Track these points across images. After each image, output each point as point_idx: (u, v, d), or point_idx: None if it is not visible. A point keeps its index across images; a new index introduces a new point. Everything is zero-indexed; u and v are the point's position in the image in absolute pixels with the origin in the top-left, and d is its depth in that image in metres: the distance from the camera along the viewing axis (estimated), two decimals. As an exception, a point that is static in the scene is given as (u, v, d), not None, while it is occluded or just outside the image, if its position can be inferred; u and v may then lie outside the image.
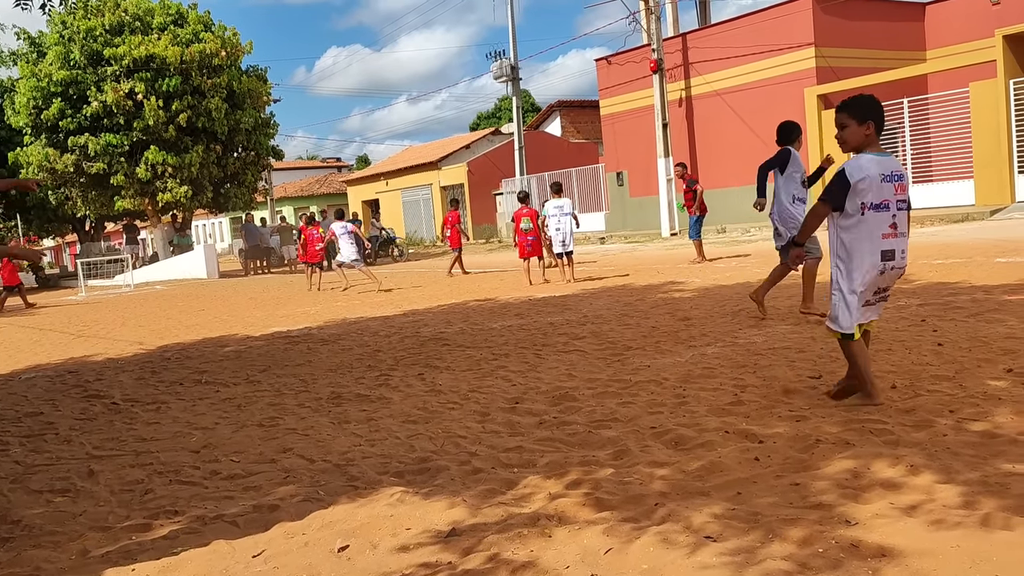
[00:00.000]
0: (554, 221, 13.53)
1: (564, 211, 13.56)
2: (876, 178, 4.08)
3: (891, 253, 4.13)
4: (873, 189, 4.08)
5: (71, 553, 3.23)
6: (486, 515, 3.23)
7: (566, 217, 13.52)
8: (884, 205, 4.10)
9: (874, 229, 4.10)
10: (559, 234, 13.43)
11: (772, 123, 23.49)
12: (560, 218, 13.50)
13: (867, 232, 4.10)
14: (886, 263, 4.13)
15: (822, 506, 2.99)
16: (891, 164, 4.17)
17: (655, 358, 6.22)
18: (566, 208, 13.66)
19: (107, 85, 25.94)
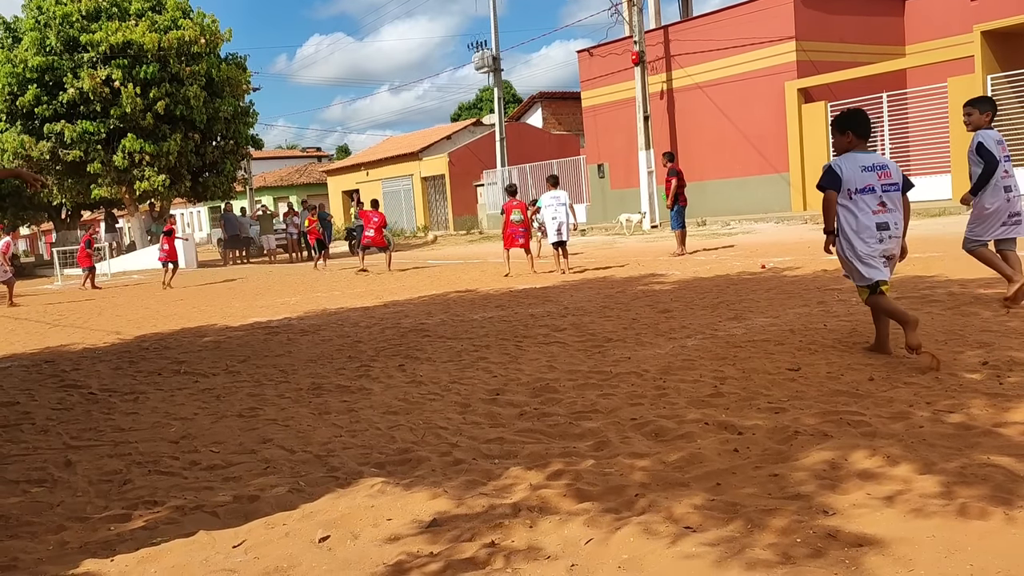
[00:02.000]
0: (550, 211, 13.52)
1: (560, 202, 13.54)
2: (856, 170, 5.11)
3: (885, 224, 5.11)
4: (855, 179, 5.10)
5: (49, 544, 3.20)
6: (468, 506, 3.23)
7: (562, 208, 13.49)
8: (869, 188, 5.11)
9: (864, 208, 5.09)
10: (554, 223, 13.40)
11: (752, 117, 23.64)
12: (556, 208, 13.49)
13: (860, 211, 5.10)
14: (882, 232, 5.10)
15: (801, 496, 3.03)
16: (873, 158, 5.22)
17: (636, 350, 6.25)
18: (562, 199, 13.65)
19: (83, 72, 25.60)
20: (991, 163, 6.37)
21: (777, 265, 11.35)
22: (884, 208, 5.10)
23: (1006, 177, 6.46)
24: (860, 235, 5.11)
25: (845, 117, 5.29)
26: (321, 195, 43.36)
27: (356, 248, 27.04)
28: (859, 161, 5.14)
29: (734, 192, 22.89)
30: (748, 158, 22.40)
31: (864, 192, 5.10)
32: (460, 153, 35.77)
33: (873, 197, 5.09)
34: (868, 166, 5.14)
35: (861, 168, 5.11)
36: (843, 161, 5.18)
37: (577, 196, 28.76)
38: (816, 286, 8.85)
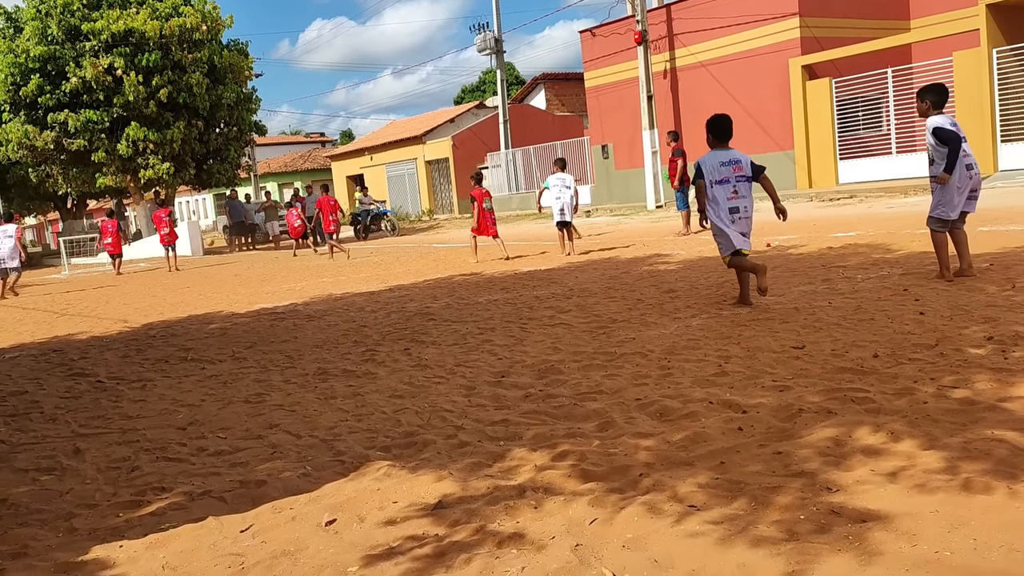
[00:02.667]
0: (555, 191, 13.43)
1: (566, 184, 13.45)
2: (716, 165, 6.68)
3: (736, 208, 6.69)
4: (713, 173, 6.69)
5: (58, 531, 3.23)
6: (473, 488, 3.25)
7: (568, 190, 13.41)
8: (725, 180, 6.67)
9: (721, 196, 6.69)
10: (558, 203, 13.31)
11: (756, 94, 23.43)
12: (562, 189, 13.39)
13: (719, 197, 6.69)
14: (734, 215, 6.70)
15: (805, 474, 3.03)
16: (729, 155, 6.75)
17: (640, 330, 6.25)
18: (568, 182, 13.55)
19: (86, 60, 25.55)
20: (954, 140, 6.64)
21: (782, 243, 11.31)
22: (736, 196, 6.67)
23: (965, 156, 6.78)
24: (721, 217, 6.70)
25: (708, 124, 6.96)
26: (325, 180, 43.32)
27: (361, 234, 27.11)
28: (719, 158, 6.72)
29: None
30: (752, 136, 22.27)
31: (721, 184, 6.67)
32: (464, 136, 35.67)
33: (728, 187, 6.67)
34: (725, 162, 6.69)
35: (720, 164, 6.68)
36: (706, 159, 6.76)
37: (581, 177, 28.67)
38: (821, 264, 8.82)
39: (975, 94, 17.74)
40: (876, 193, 17.31)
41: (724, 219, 6.70)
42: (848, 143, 20.37)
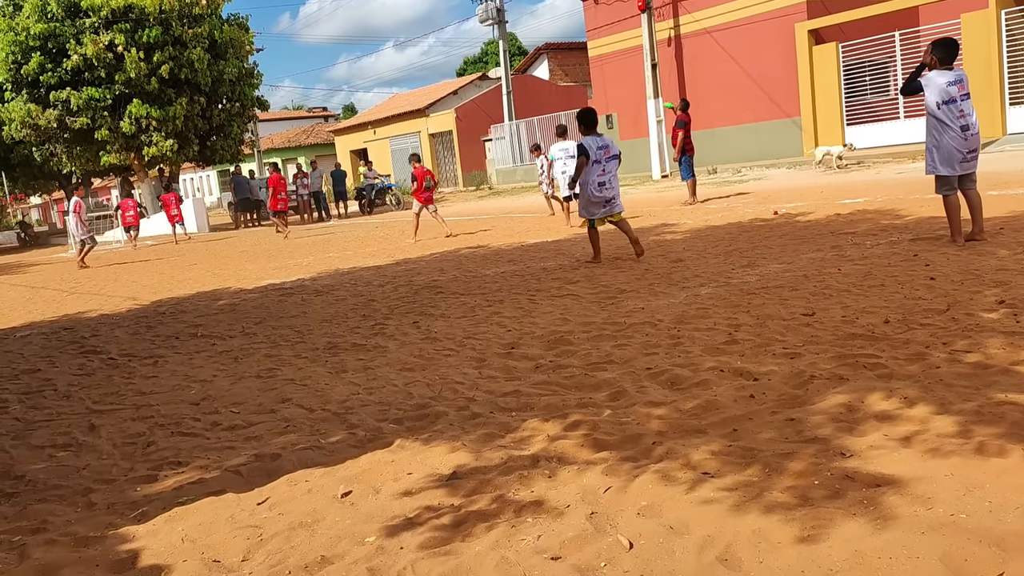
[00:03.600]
0: (560, 164, 13.06)
1: (570, 154, 12.85)
2: (593, 148, 8.51)
3: (604, 184, 8.57)
4: (594, 155, 8.48)
5: (77, 506, 3.27)
6: (487, 458, 3.27)
7: (573, 159, 12.63)
8: (598, 160, 8.52)
9: (594, 173, 8.54)
10: (565, 177, 12.85)
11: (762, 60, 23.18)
12: (566, 160, 12.91)
13: (592, 174, 8.54)
14: (603, 189, 8.57)
15: (818, 440, 3.04)
16: (603, 141, 8.64)
17: (649, 300, 6.24)
18: (572, 151, 12.97)
19: (86, 37, 25.40)
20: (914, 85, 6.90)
21: (790, 211, 11.26)
22: (604, 174, 8.59)
23: (962, 116, 6.73)
24: (591, 189, 8.56)
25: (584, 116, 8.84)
26: (329, 155, 43.19)
27: (366, 208, 27.07)
28: (597, 143, 8.57)
29: (745, 138, 22.62)
30: (758, 103, 22.09)
31: (597, 163, 8.53)
32: (467, 108, 35.45)
33: (600, 167, 8.53)
34: (600, 146, 8.57)
35: (597, 147, 8.55)
36: (589, 140, 8.57)
37: (586, 148, 28.52)
38: (829, 231, 8.78)
39: (983, 56, 17.54)
40: (884, 158, 17.18)
41: (593, 191, 8.60)
42: (855, 108, 20.19)
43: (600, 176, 8.51)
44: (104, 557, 2.77)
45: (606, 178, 8.52)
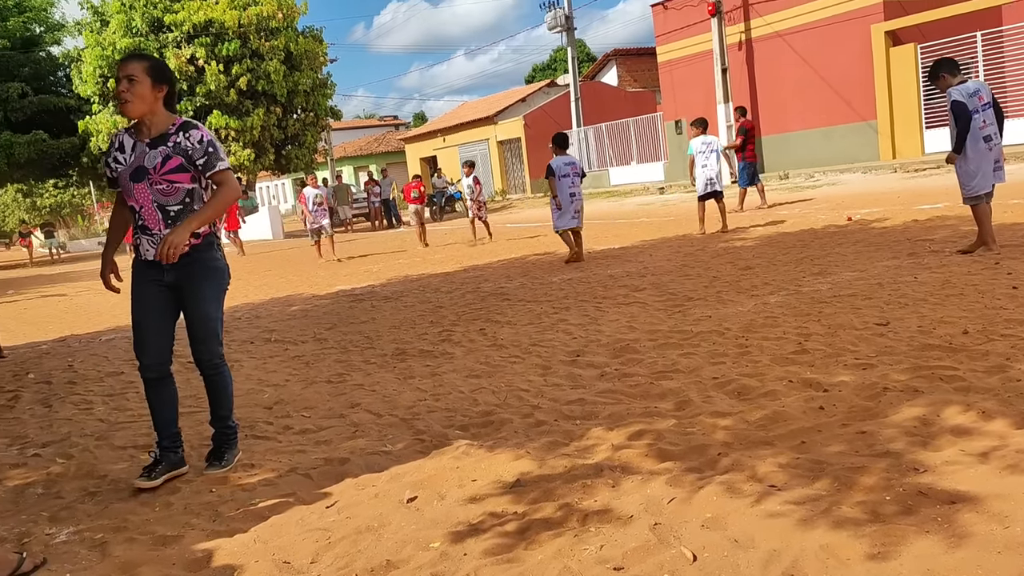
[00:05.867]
0: (701, 158, 11.88)
1: (712, 148, 11.91)
2: (562, 167, 10.27)
3: (574, 195, 10.31)
4: (561, 171, 10.26)
5: (155, 505, 3.39)
6: (550, 466, 3.28)
7: (713, 155, 11.88)
8: (567, 175, 10.28)
9: (565, 188, 10.27)
10: (706, 171, 11.77)
11: (837, 63, 22.64)
12: (708, 155, 11.87)
13: (564, 188, 10.24)
14: (573, 199, 10.30)
15: (890, 454, 2.96)
16: (569, 159, 10.37)
17: (717, 308, 6.17)
18: (714, 145, 11.99)
19: (169, 51, 26.35)
20: (964, 117, 6.69)
21: (865, 217, 10.98)
22: (573, 187, 10.28)
23: (984, 127, 6.75)
24: (564, 201, 10.26)
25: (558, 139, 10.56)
26: (399, 163, 43.82)
27: (436, 215, 27.37)
28: (563, 160, 10.32)
29: (818, 142, 22.12)
30: (833, 106, 21.59)
31: (565, 177, 10.28)
32: (535, 115, 35.54)
33: (568, 181, 10.29)
34: (568, 163, 10.32)
35: (564, 163, 10.30)
36: (556, 161, 10.26)
37: (654, 154, 28.33)
38: (906, 237, 8.53)
39: (1074, 55, 16.79)
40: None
41: (564, 204, 10.27)
42: (935, 111, 19.55)
43: (571, 188, 10.29)
44: (181, 556, 2.87)
45: (575, 189, 10.32)
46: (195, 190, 3.61)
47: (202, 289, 3.65)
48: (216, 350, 3.76)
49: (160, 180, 3.54)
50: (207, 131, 3.64)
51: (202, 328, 3.70)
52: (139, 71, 3.53)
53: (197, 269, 3.62)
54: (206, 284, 3.66)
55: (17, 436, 4.79)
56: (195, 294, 3.64)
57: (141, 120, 3.60)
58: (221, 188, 3.60)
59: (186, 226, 3.48)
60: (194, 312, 3.67)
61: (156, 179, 3.54)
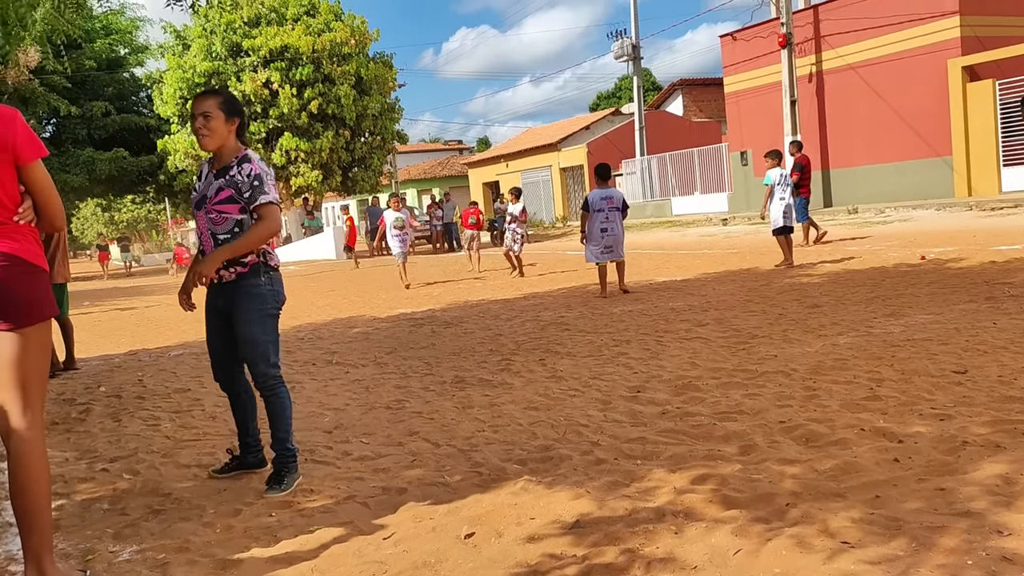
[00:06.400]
0: (779, 190, 11.55)
1: (787, 181, 11.76)
2: (597, 200, 10.15)
3: (606, 231, 10.16)
4: (596, 205, 10.15)
5: (216, 527, 3.42)
6: (610, 508, 3.21)
7: (789, 187, 11.70)
8: (600, 209, 10.13)
9: (597, 221, 10.16)
10: (782, 204, 11.51)
11: (911, 97, 22.17)
12: (784, 187, 11.61)
13: (596, 222, 10.16)
14: (604, 235, 10.15)
15: (971, 514, 2.82)
16: (609, 193, 10.24)
17: (783, 347, 6.02)
18: (787, 178, 11.86)
19: (246, 75, 27.18)
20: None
21: (939, 256, 10.65)
22: (607, 221, 10.13)
23: None
24: (594, 236, 10.16)
25: (599, 170, 10.38)
26: (463, 187, 44.21)
27: (497, 239, 27.48)
28: (600, 194, 10.16)
29: (890, 177, 21.60)
30: (906, 141, 21.09)
31: (599, 212, 10.12)
32: (599, 143, 35.54)
33: (603, 215, 10.12)
34: (604, 197, 10.14)
35: (601, 198, 10.14)
36: (593, 193, 10.21)
37: (719, 185, 28.04)
38: (984, 279, 8.24)
39: None
40: (1046, 202, 16.01)
41: (595, 238, 10.14)
42: (1013, 148, 18.94)
43: (603, 223, 10.10)
44: (239, 580, 2.88)
45: (608, 225, 10.11)
46: (244, 220, 3.77)
47: (245, 313, 3.80)
48: (267, 371, 3.86)
49: (212, 209, 3.75)
50: (259, 164, 3.77)
51: (249, 351, 3.84)
52: (213, 107, 3.73)
53: (240, 295, 3.80)
54: (248, 309, 3.80)
55: (87, 450, 4.90)
56: (239, 318, 3.81)
57: (215, 151, 3.80)
58: (260, 221, 3.74)
59: (217, 255, 3.69)
60: (240, 336, 3.83)
61: (210, 208, 3.76)
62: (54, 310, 2.91)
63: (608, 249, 10.18)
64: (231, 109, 3.78)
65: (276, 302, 3.89)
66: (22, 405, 2.74)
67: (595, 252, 10.23)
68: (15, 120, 2.77)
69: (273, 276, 3.88)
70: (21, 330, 2.77)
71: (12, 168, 2.76)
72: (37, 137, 2.84)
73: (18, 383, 2.74)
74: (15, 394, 2.74)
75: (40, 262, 2.85)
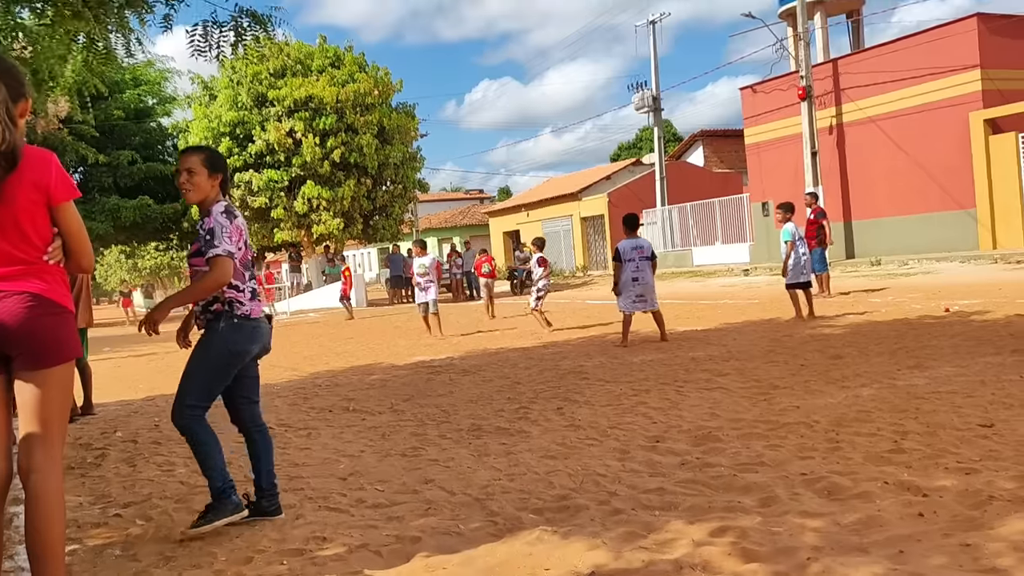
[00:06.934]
0: (802, 245, 11.52)
1: (800, 235, 11.64)
2: (628, 249, 10.28)
3: (637, 280, 10.27)
4: (627, 255, 10.27)
5: (227, 575, 3.38)
6: (627, 560, 3.14)
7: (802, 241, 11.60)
8: (631, 259, 10.27)
9: (628, 270, 10.28)
10: (805, 257, 11.46)
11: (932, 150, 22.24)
12: (802, 242, 11.59)
13: (627, 271, 10.28)
14: (635, 284, 10.26)
15: (998, 571, 2.74)
16: (639, 243, 10.40)
17: (805, 398, 5.94)
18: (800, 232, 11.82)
19: (270, 124, 27.70)
20: None
21: (963, 308, 10.53)
22: (637, 270, 10.25)
23: None
24: (625, 285, 10.29)
25: (628, 220, 10.56)
26: (483, 235, 44.48)
27: (517, 289, 27.54)
28: (630, 244, 10.31)
29: (912, 229, 21.51)
30: (928, 193, 21.04)
31: (630, 262, 10.25)
32: (620, 193, 35.74)
33: (633, 264, 10.25)
34: (634, 247, 10.30)
35: (632, 248, 10.29)
36: (623, 243, 10.33)
37: (740, 235, 28.03)
38: (1009, 332, 8.12)
39: None
40: (1072, 255, 15.85)
41: (627, 286, 10.29)
42: (1038, 201, 18.84)
43: (634, 272, 10.25)
44: (248, 629, 2.83)
45: (639, 274, 10.25)
46: None
47: (195, 354, 3.95)
48: (181, 409, 3.93)
49: (190, 262, 4.00)
50: (217, 217, 3.85)
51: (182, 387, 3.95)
52: (197, 164, 3.91)
53: (201, 339, 3.97)
54: (197, 349, 3.96)
55: (101, 495, 4.89)
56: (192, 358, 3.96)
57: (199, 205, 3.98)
58: (207, 272, 3.81)
59: (164, 302, 3.93)
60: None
61: (190, 261, 4.02)
62: (78, 352, 2.93)
63: (640, 298, 10.25)
64: (214, 165, 3.95)
65: (228, 350, 3.93)
66: (43, 444, 2.75)
67: (627, 302, 10.29)
68: (50, 162, 2.85)
69: (237, 324, 3.93)
70: (45, 370, 2.79)
71: (45, 209, 2.83)
72: (71, 179, 2.90)
73: (40, 422, 2.75)
74: (36, 433, 2.75)
75: (67, 303, 2.89)
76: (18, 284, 2.75)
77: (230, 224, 3.86)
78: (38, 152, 2.83)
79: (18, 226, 2.77)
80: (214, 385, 3.98)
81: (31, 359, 2.76)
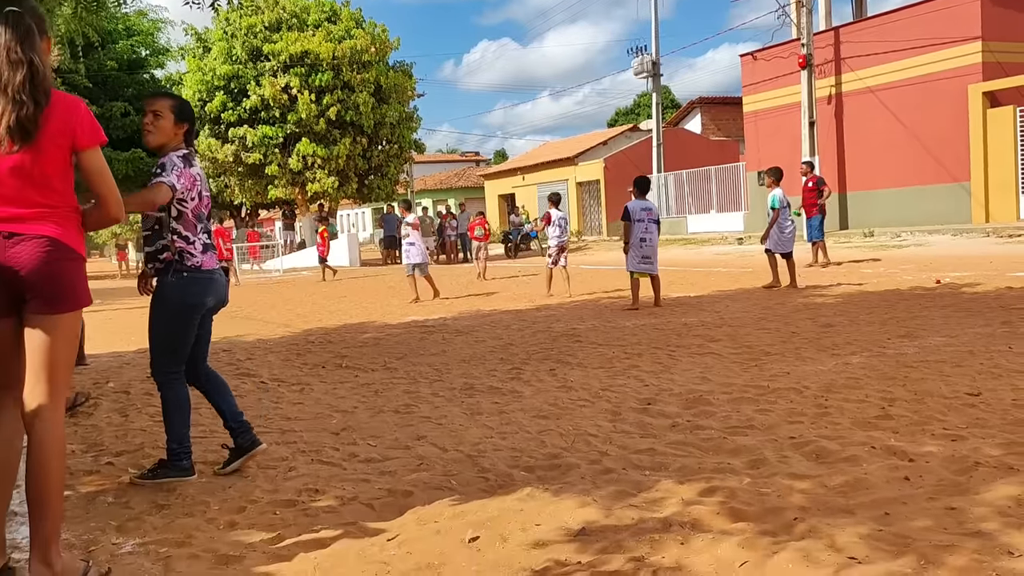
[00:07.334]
0: (787, 212, 11.56)
1: (785, 203, 11.59)
2: (638, 210, 10.27)
3: (645, 240, 10.25)
4: (636, 215, 10.24)
5: (220, 524, 3.42)
6: (617, 517, 3.19)
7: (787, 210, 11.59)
8: (640, 219, 10.25)
9: (638, 232, 10.23)
10: (792, 225, 11.72)
11: (930, 122, 22.11)
12: (789, 210, 11.65)
13: (638, 231, 10.23)
14: (643, 244, 10.24)
15: (982, 534, 2.78)
16: (647, 205, 10.45)
17: (795, 365, 5.98)
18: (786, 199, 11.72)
19: (265, 80, 27.38)
20: None
21: (954, 280, 10.58)
22: (646, 232, 10.27)
23: None
24: (633, 244, 10.24)
25: (639, 182, 10.58)
26: (479, 198, 44.31)
27: (511, 252, 27.52)
28: (641, 205, 10.33)
29: (906, 201, 21.52)
30: (924, 166, 21.01)
31: (640, 222, 10.23)
32: (616, 159, 35.57)
33: (643, 225, 10.25)
34: (643, 208, 10.33)
35: (641, 208, 10.31)
36: (633, 203, 10.32)
37: (735, 204, 27.98)
38: (999, 304, 8.17)
39: None
40: (1065, 230, 15.90)
41: (635, 245, 10.26)
42: (1033, 175, 18.84)
43: (643, 233, 10.25)
44: (241, 576, 2.87)
45: (647, 235, 10.28)
46: (162, 218, 3.84)
47: (151, 310, 3.95)
48: (156, 367, 3.98)
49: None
50: (172, 157, 3.82)
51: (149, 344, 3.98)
52: (165, 108, 3.88)
53: (155, 292, 3.96)
54: (154, 305, 3.94)
55: (93, 443, 4.92)
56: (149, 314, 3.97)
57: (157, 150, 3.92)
58: (145, 189, 3.76)
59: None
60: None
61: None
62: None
63: (646, 259, 10.26)
64: (182, 113, 3.92)
65: (183, 303, 3.90)
66: (48, 390, 2.76)
67: (633, 262, 10.28)
68: (78, 106, 2.83)
69: (188, 277, 3.89)
70: (57, 316, 2.78)
71: (68, 153, 2.80)
72: (98, 125, 2.87)
73: (47, 367, 2.76)
74: (42, 378, 2.75)
75: (81, 250, 2.88)
76: (35, 227, 2.74)
77: (184, 167, 3.83)
78: (67, 97, 2.81)
79: (41, 169, 2.75)
80: (178, 341, 3.94)
81: (46, 303, 2.76)
